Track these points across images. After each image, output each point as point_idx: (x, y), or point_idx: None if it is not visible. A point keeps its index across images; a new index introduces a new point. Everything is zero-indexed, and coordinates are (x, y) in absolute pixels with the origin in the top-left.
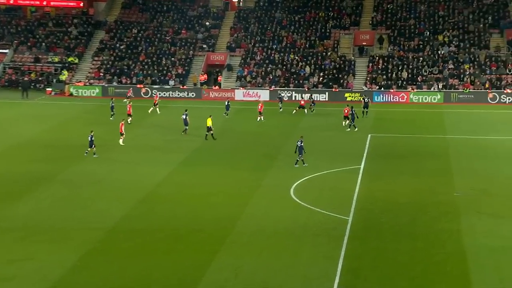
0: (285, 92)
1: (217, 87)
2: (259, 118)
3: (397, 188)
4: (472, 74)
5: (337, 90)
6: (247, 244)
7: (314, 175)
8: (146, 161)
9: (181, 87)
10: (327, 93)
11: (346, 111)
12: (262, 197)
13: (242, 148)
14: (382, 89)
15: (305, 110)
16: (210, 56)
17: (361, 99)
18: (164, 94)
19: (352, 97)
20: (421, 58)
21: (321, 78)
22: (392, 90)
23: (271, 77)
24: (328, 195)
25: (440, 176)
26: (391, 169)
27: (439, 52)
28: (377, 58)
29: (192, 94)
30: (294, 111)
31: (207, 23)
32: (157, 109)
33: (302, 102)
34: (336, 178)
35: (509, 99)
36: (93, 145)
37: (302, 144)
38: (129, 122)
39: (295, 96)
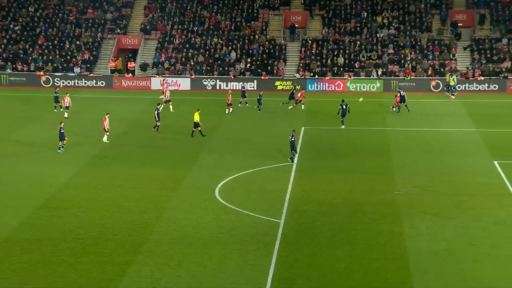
0: (209, 80)
1: (130, 75)
2: (227, 110)
3: (333, 187)
4: (413, 59)
5: (267, 78)
6: (166, 253)
7: (242, 173)
8: (47, 160)
9: (88, 74)
10: (255, 81)
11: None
12: (183, 199)
13: (160, 145)
14: (316, 76)
15: (302, 104)
16: (122, 40)
17: (397, 94)
18: (69, 83)
19: (284, 85)
20: (359, 42)
21: (248, 65)
22: (327, 78)
23: (192, 64)
24: (257, 196)
25: (380, 173)
26: (327, 166)
27: (378, 35)
28: (310, 42)
29: (102, 83)
30: (291, 106)
31: (118, 2)
32: (170, 106)
33: (299, 96)
34: (266, 177)
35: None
36: (64, 138)
37: (293, 139)
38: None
39: (220, 85)
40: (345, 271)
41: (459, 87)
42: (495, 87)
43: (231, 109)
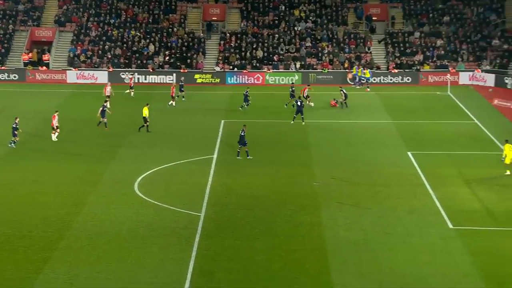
0: (127, 74)
1: (44, 67)
2: (171, 102)
3: (253, 180)
4: (330, 52)
5: (186, 71)
6: (84, 249)
7: (161, 167)
8: None
9: (0, 67)
10: (174, 74)
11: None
12: (102, 194)
13: (78, 139)
14: (236, 69)
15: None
16: (35, 32)
17: (341, 93)
18: None
19: (203, 79)
20: (277, 35)
21: (167, 58)
22: (246, 71)
23: (110, 57)
24: (177, 189)
25: (300, 166)
26: (247, 159)
27: (296, 28)
28: (229, 35)
29: (14, 76)
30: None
31: None
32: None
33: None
34: (186, 170)
35: (371, 79)
36: (16, 134)
37: (243, 134)
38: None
39: (138, 78)
40: (265, 263)
41: (374, 79)
42: (408, 79)
43: (174, 102)
